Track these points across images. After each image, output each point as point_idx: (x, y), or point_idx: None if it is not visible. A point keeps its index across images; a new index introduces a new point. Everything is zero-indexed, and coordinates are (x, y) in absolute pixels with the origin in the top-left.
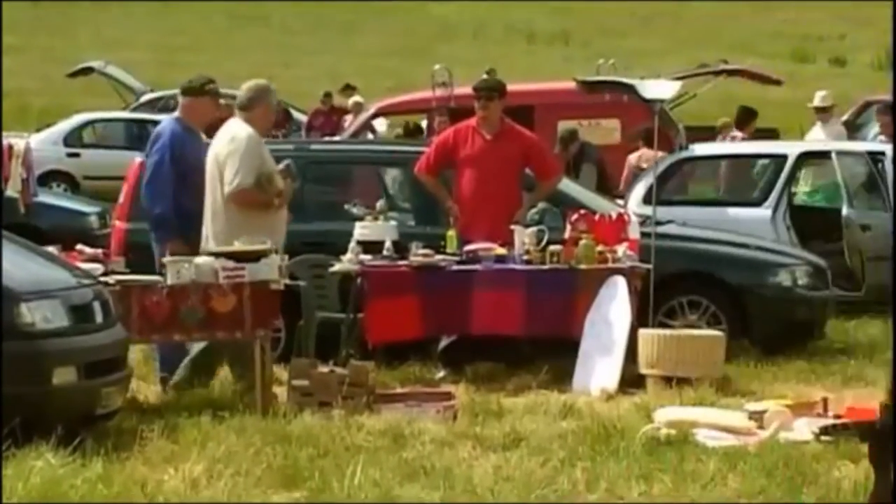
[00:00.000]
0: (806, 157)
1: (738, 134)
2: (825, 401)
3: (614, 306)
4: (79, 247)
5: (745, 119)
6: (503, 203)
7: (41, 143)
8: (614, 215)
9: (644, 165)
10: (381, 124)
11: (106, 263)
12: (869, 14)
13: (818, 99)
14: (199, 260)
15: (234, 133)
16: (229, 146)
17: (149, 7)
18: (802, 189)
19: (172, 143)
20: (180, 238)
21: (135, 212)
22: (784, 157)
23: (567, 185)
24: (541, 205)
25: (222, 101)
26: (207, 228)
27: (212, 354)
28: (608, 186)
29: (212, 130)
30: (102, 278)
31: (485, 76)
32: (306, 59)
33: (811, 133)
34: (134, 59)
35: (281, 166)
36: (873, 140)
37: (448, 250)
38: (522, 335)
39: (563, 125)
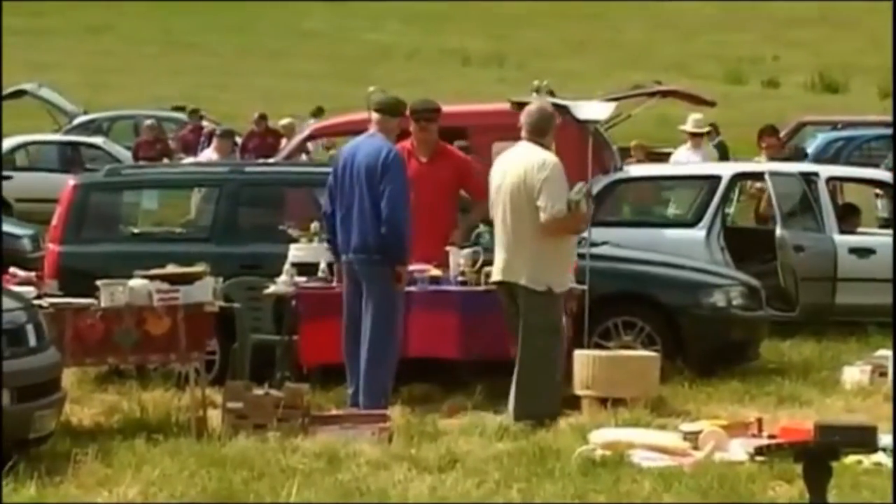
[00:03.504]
0: (740, 178)
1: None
2: (759, 421)
3: None
4: (11, 270)
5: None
6: (439, 225)
7: None
8: None
9: None
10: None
11: (39, 286)
12: (801, 36)
13: (691, 123)
14: (134, 283)
15: (544, 159)
16: (541, 173)
17: (80, 31)
18: None
19: (404, 164)
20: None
21: (68, 234)
22: (718, 178)
23: None
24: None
25: (152, 122)
26: (511, 256)
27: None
28: None
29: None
30: (36, 301)
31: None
32: (239, 81)
33: (677, 154)
34: (66, 81)
35: (586, 189)
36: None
37: None
38: (458, 358)
39: (498, 145)
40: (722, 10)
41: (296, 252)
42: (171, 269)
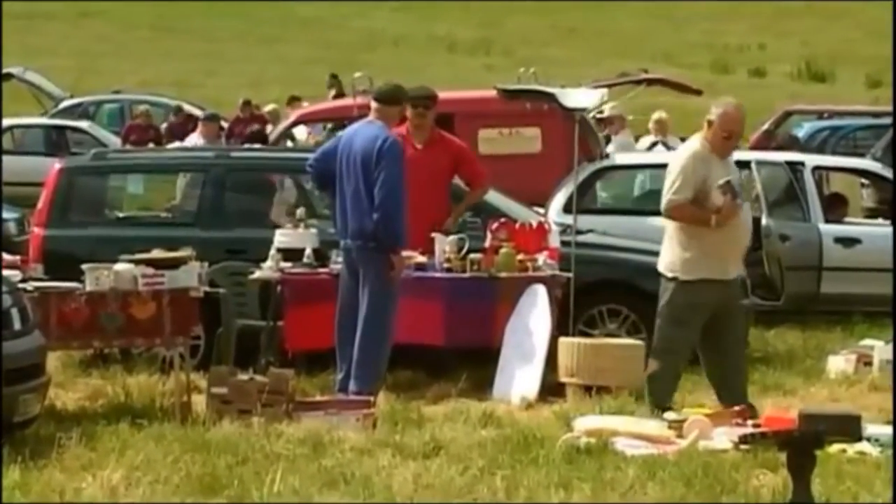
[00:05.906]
0: None
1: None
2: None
3: (534, 315)
4: None
5: None
6: (431, 211)
7: None
8: (535, 224)
9: None
10: (301, 132)
11: (24, 270)
12: (788, 26)
13: (608, 109)
14: (119, 267)
15: (682, 148)
16: (673, 161)
17: (73, 15)
18: None
19: (401, 152)
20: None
21: (53, 218)
22: None
23: (488, 194)
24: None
25: (146, 107)
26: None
27: None
28: None
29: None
30: (20, 285)
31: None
32: (229, 66)
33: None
34: (56, 65)
35: (721, 182)
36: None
37: None
38: (443, 345)
39: (485, 132)
40: None
41: (281, 238)
42: (157, 253)
